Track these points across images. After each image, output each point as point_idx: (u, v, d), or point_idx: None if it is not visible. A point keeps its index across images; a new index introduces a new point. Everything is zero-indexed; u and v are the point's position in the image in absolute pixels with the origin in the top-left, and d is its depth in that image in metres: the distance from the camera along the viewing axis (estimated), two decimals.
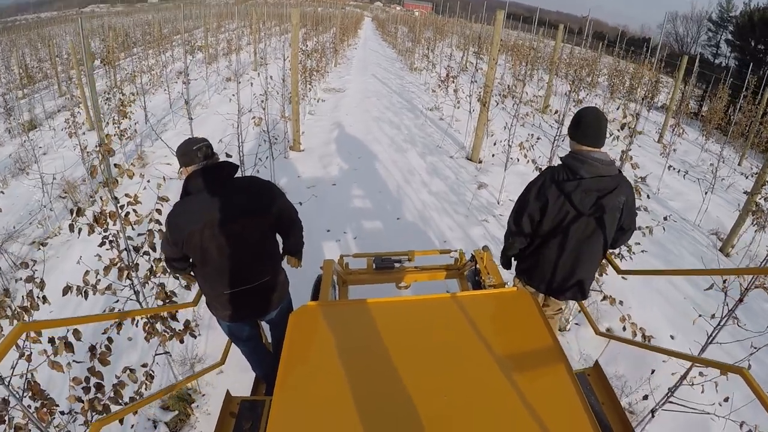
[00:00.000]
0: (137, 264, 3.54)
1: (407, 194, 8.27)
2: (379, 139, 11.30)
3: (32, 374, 2.69)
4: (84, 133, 10.61)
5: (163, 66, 18.13)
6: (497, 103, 11.20)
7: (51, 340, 2.71)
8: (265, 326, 4.00)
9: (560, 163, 3.29)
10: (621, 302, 4.83)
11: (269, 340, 4.13)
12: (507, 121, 9.73)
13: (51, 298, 3.56)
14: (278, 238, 3.45)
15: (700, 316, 3.87)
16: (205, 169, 2.95)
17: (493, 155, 9.61)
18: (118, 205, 3.35)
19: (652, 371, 4.16)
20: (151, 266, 3.70)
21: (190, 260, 3.16)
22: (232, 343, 3.74)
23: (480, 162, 9.92)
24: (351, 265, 4.75)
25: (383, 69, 23.83)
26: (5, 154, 10.97)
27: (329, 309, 2.90)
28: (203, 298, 3.40)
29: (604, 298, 4.83)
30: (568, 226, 3.26)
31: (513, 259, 3.86)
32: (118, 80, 16.28)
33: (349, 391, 2.16)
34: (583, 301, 3.86)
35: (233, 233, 2.99)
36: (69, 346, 2.72)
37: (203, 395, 4.36)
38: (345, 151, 10.32)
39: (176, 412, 4.11)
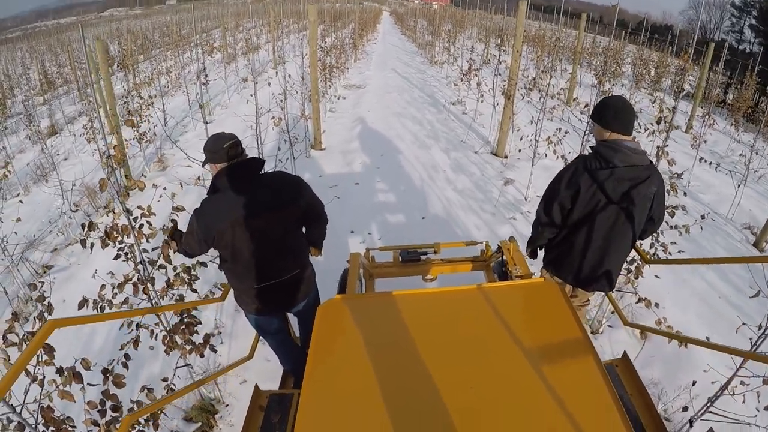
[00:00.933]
0: (153, 278, 3.40)
1: (432, 192, 8.07)
2: (402, 135, 11.09)
3: (48, 397, 2.56)
4: (103, 138, 10.49)
5: (181, 67, 18.07)
6: (523, 97, 10.90)
7: (59, 371, 2.57)
8: (293, 319, 3.99)
9: (591, 151, 3.25)
10: (657, 304, 4.60)
11: (296, 333, 4.17)
12: (533, 114, 9.46)
13: (69, 310, 3.45)
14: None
15: (744, 324, 3.65)
16: (233, 168, 2.97)
17: (519, 150, 9.32)
18: (131, 217, 3.21)
19: (693, 382, 3.89)
20: (168, 279, 3.55)
21: (219, 256, 3.17)
22: (260, 338, 3.80)
23: (505, 157, 9.65)
24: (377, 258, 4.77)
25: (403, 63, 23.58)
26: (26, 161, 10.97)
27: (356, 302, 2.97)
28: (230, 296, 3.46)
29: (639, 300, 4.61)
30: (598, 215, 3.22)
31: (540, 249, 3.82)
32: (137, 82, 16.26)
33: (377, 384, 2.18)
34: (612, 295, 3.86)
35: (257, 229, 3.02)
36: (78, 376, 2.57)
37: (227, 405, 4.24)
38: (367, 148, 10.13)
39: (199, 424, 4.00)
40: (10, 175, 9.48)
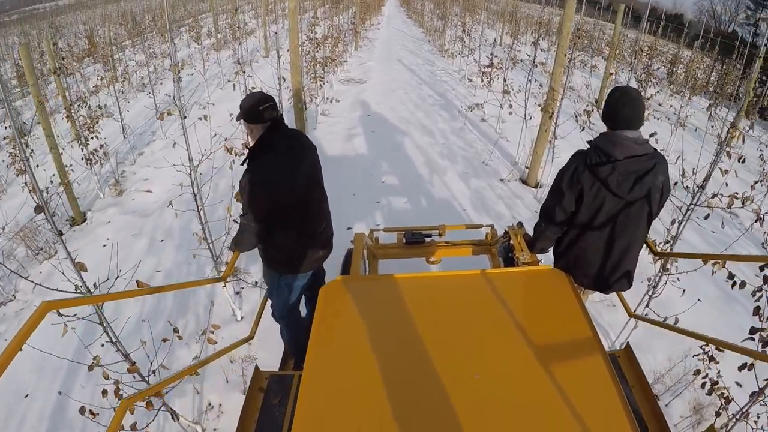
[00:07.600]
0: None
1: None
2: (410, 151, 9.13)
3: None
4: (65, 147, 8.42)
5: (158, 58, 15.95)
6: (578, 122, 8.50)
7: None
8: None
9: (589, 146, 3.12)
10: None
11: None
12: (580, 137, 7.40)
13: None
14: None
15: None
16: (278, 126, 3.06)
17: None
18: None
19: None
20: None
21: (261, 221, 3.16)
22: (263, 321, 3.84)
23: (538, 186, 7.70)
24: (381, 239, 4.76)
25: (410, 52, 21.41)
26: None
27: (360, 283, 3.07)
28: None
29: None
30: (608, 213, 3.10)
31: (543, 250, 3.65)
32: (111, 76, 14.25)
33: (379, 368, 2.19)
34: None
35: (312, 177, 3.28)
36: None
37: None
38: (366, 172, 8.24)
39: None
40: None
